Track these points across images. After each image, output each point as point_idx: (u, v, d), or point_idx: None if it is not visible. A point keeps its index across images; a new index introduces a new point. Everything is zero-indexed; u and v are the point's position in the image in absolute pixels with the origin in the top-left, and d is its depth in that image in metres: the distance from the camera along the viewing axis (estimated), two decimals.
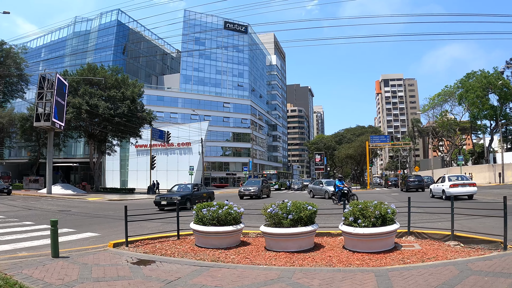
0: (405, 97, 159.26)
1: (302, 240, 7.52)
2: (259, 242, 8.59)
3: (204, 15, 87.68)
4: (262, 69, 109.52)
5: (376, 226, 7.32)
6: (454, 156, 74.29)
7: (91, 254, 7.62)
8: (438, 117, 67.28)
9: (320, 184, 30.46)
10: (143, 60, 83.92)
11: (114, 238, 9.54)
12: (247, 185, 31.08)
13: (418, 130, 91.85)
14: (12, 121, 46.35)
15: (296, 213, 7.46)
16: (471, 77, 56.29)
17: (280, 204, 7.84)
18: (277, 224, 7.60)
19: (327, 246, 8.03)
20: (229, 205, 8.34)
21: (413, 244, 8.18)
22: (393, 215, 7.61)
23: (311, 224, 7.67)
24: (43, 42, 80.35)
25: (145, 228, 11.74)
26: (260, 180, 32.34)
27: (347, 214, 7.64)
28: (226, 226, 7.99)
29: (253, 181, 32.27)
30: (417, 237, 9.01)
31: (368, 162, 59.57)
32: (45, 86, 30.84)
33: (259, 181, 31.42)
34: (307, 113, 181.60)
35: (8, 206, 20.07)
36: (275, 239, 7.54)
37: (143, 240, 8.96)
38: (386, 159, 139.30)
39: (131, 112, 39.94)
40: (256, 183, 31.02)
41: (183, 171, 56.16)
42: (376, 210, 7.42)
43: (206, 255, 7.36)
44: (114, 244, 8.46)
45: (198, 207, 8.39)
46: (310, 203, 7.87)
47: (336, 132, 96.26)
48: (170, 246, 8.34)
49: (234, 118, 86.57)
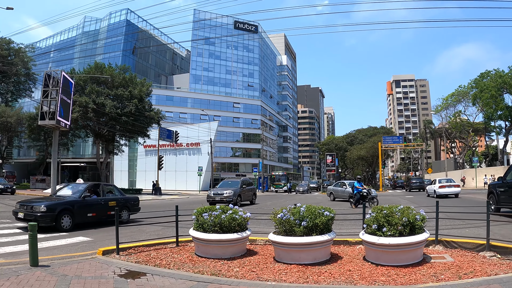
0: (417, 98, 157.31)
1: (318, 251, 6.46)
2: (268, 251, 7.56)
3: (214, 15, 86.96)
4: (273, 69, 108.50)
5: (404, 235, 6.26)
6: (467, 157, 72.72)
7: (75, 262, 6.70)
8: (451, 118, 65.86)
9: (343, 186, 27.78)
10: (153, 60, 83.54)
11: (107, 243, 8.60)
12: (220, 187, 24.29)
13: (430, 132, 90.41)
14: (20, 121, 46.09)
15: (310, 220, 6.40)
16: (485, 76, 54.80)
17: (292, 209, 6.79)
18: (289, 232, 6.53)
19: (345, 257, 6.97)
20: (234, 209, 7.32)
21: (443, 255, 7.10)
22: (422, 222, 6.55)
23: (328, 232, 6.60)
24: (52, 42, 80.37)
25: (143, 232, 10.81)
26: (239, 181, 24.57)
27: (370, 220, 6.57)
28: (229, 233, 6.97)
29: (230, 182, 24.71)
30: (446, 246, 7.91)
31: (381, 163, 58.21)
32: (50, 84, 30.07)
33: (238, 182, 24.20)
34: (317, 114, 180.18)
35: (6, 206, 19.35)
36: (286, 250, 6.49)
37: (137, 247, 7.97)
38: (397, 161, 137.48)
39: (138, 111, 39.25)
40: (234, 184, 24.00)
41: (192, 172, 55.41)
42: (403, 217, 6.36)
43: (206, 266, 6.36)
44: (103, 251, 7.50)
45: (198, 211, 7.39)
46: (327, 208, 6.81)
47: (348, 133, 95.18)
48: (167, 255, 7.35)
49: (244, 118, 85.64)
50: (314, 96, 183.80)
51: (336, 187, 29.12)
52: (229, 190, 22.47)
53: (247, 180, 26.59)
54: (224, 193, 22.31)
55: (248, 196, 24.88)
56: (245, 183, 24.78)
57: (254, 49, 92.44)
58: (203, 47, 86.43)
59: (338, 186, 29.01)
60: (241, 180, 24.89)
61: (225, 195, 22.14)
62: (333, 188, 29.79)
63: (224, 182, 25.50)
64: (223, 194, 22.24)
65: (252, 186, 26.75)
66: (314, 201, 27.40)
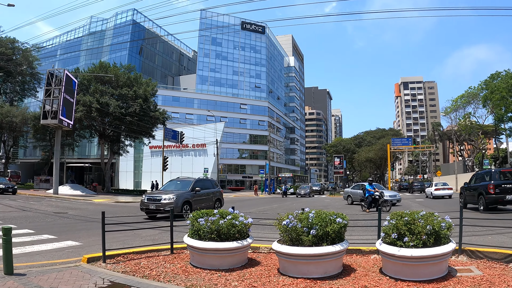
0: (425, 100, 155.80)
1: (328, 263, 5.60)
2: (272, 261, 6.73)
3: (221, 15, 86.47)
4: (280, 71, 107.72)
5: (428, 245, 5.42)
6: (476, 160, 71.40)
7: (55, 271, 5.97)
8: (460, 120, 64.63)
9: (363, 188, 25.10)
10: (159, 60, 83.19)
11: (96, 249, 7.83)
12: (164, 189, 17.52)
13: (438, 134, 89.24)
14: (25, 120, 45.73)
15: (320, 227, 5.55)
16: (495, 78, 53.54)
17: (300, 215, 5.93)
18: (295, 241, 5.67)
19: (359, 269, 6.12)
20: (234, 214, 6.51)
21: (469, 268, 6.24)
22: (448, 230, 5.71)
23: (340, 241, 5.73)
24: (58, 42, 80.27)
25: (138, 236, 10.05)
26: (192, 181, 17.38)
27: (389, 229, 5.71)
28: (228, 241, 6.13)
29: (179, 182, 17.70)
30: (470, 256, 7.04)
31: (390, 165, 57.17)
32: (53, 83, 29.68)
33: (189, 183, 17.15)
34: (325, 116, 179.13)
35: (3, 206, 18.73)
36: (292, 261, 5.63)
37: (127, 254, 7.19)
38: (405, 164, 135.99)
39: (143, 111, 38.72)
40: (184, 186, 16.99)
41: (197, 173, 54.60)
42: (427, 224, 5.52)
43: (200, 279, 5.56)
44: (88, 258, 6.73)
45: (194, 216, 6.59)
46: (339, 214, 5.96)
47: (356, 134, 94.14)
48: (159, 264, 6.55)
49: (251, 120, 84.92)
50: (321, 98, 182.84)
51: (355, 190, 26.63)
52: (171, 195, 15.38)
53: (204, 180, 18.88)
54: (162, 198, 15.24)
55: (206, 204, 17.33)
56: (200, 184, 17.34)
57: (261, 50, 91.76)
58: (210, 47, 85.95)
59: (357, 189, 26.43)
60: (195, 180, 17.58)
61: (163, 201, 15.10)
62: (351, 190, 27.40)
63: (171, 182, 18.33)
64: (160, 200, 15.22)
65: (214, 189, 19.01)
66: (321, 205, 26.59)
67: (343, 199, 29.98)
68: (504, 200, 16.13)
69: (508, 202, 16.14)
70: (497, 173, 17.44)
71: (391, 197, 23.20)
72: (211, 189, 18.45)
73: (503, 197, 16.09)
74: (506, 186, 16.23)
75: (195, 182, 17.20)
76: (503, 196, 16.07)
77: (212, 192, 18.39)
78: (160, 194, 15.77)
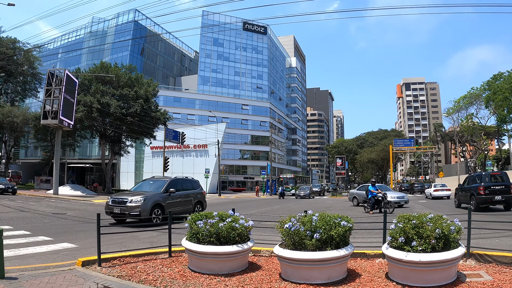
0: (427, 101, 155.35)
1: (332, 268, 5.35)
2: (274, 265, 6.48)
3: (223, 16, 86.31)
4: (282, 71, 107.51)
5: (437, 250, 5.17)
6: (479, 161, 71.04)
7: (48, 275, 5.75)
8: (463, 121, 64.30)
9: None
10: (161, 61, 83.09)
11: (93, 251, 7.58)
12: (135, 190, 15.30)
13: (440, 135, 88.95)
14: (26, 121, 45.64)
15: (324, 231, 5.30)
16: (498, 78, 53.22)
17: (302, 218, 5.67)
18: (298, 246, 5.42)
19: (364, 274, 5.86)
20: (234, 216, 6.27)
21: (479, 273, 5.99)
22: (458, 234, 5.45)
23: (345, 245, 5.47)
24: (60, 42, 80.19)
25: (136, 239, 9.81)
26: (166, 181, 14.94)
27: (396, 232, 5.46)
28: (228, 245, 5.88)
29: (152, 182, 15.47)
30: (478, 260, 6.79)
31: (392, 166, 56.90)
32: (54, 83, 29.52)
33: (163, 183, 14.73)
34: (327, 117, 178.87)
35: (2, 206, 18.53)
36: (295, 266, 5.37)
37: (123, 258, 6.95)
38: (407, 165, 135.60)
39: (144, 112, 38.54)
40: (157, 186, 14.75)
41: (199, 174, 54.48)
42: (436, 228, 5.27)
43: (198, 285, 5.31)
44: (83, 262, 6.49)
45: (192, 218, 6.35)
46: (344, 217, 5.71)
47: (358, 135, 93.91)
48: (156, 268, 6.31)
49: (253, 120, 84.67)
50: (323, 99, 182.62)
51: (361, 191, 25.64)
52: (138, 197, 13.07)
53: (183, 180, 16.32)
54: (128, 200, 12.94)
55: (184, 207, 15.24)
56: (175, 185, 15.00)
57: (263, 51, 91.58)
58: (211, 48, 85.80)
59: (363, 190, 25.14)
60: (169, 180, 15.16)
61: (129, 204, 12.81)
62: (357, 192, 26.64)
63: (144, 182, 16.21)
64: (125, 203, 12.94)
65: (195, 190, 16.61)
66: (323, 206, 26.32)
67: (348, 200, 29.58)
68: (493, 200, 17.90)
69: (497, 202, 17.94)
70: (487, 176, 19.38)
71: (398, 198, 22.81)
72: (190, 191, 16.15)
73: (492, 198, 17.84)
74: (495, 188, 17.99)
75: (170, 182, 14.86)
76: (492, 197, 17.82)
77: (191, 194, 16.11)
78: (127, 195, 13.52)
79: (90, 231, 11.12)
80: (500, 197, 17.71)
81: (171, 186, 14.62)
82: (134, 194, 13.55)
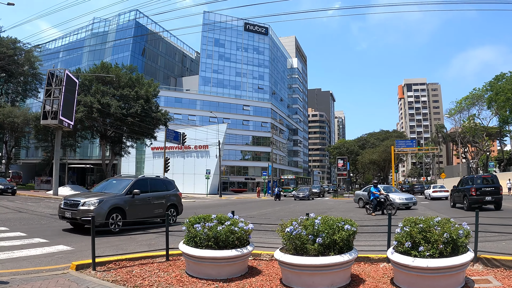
0: (429, 102, 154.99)
1: (335, 274, 5.12)
2: (274, 269, 6.25)
3: (224, 17, 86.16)
4: (283, 72, 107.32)
5: (445, 255, 4.95)
6: (481, 162, 70.79)
7: (41, 279, 5.55)
8: (465, 122, 64.07)
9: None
10: (162, 61, 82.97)
11: (88, 254, 7.34)
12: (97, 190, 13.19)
13: (442, 136, 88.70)
14: (27, 121, 45.58)
15: (327, 235, 5.08)
16: (500, 79, 53.06)
17: (304, 221, 5.45)
18: (299, 250, 5.20)
19: (368, 280, 5.64)
20: (233, 219, 6.04)
21: (487, 278, 5.78)
22: (466, 238, 5.23)
23: (349, 250, 5.25)
24: (61, 43, 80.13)
25: (134, 241, 9.59)
26: (130, 181, 12.74)
27: (402, 236, 5.24)
28: (227, 249, 5.65)
29: (116, 182, 13.29)
30: (486, 264, 6.58)
31: (394, 167, 56.66)
32: (54, 83, 29.32)
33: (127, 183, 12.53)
34: (328, 118, 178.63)
35: (0, 207, 18.31)
36: (296, 272, 5.14)
37: (119, 261, 6.73)
38: (408, 166, 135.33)
39: (145, 112, 38.39)
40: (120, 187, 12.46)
41: (200, 175, 54.44)
42: (444, 232, 5.05)
43: None
44: (77, 265, 6.28)
45: (190, 221, 6.12)
46: (347, 220, 5.49)
47: (359, 136, 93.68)
48: (152, 273, 6.09)
49: (254, 121, 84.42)
50: (324, 99, 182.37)
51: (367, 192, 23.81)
52: (93, 199, 11.00)
53: (152, 180, 14.10)
54: (80, 203, 10.92)
55: (152, 211, 13.15)
56: (141, 185, 12.83)
57: (265, 51, 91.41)
58: (212, 49, 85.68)
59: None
60: (135, 179, 12.91)
61: (81, 208, 10.82)
62: (363, 193, 25.68)
63: (107, 181, 13.96)
64: (77, 206, 10.93)
65: (168, 191, 14.27)
66: (324, 208, 26.08)
67: (352, 201, 29.23)
68: (484, 200, 19.34)
69: (487, 202, 19.39)
70: (479, 178, 21.05)
71: (407, 200, 22.38)
72: (162, 192, 13.84)
73: (483, 198, 19.28)
74: (485, 189, 19.43)
75: (134, 182, 12.60)
76: (483, 197, 19.27)
77: (163, 196, 13.75)
78: (81, 197, 11.50)
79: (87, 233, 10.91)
80: (490, 198, 19.18)
81: (137, 186, 12.46)
82: (88, 196, 11.55)
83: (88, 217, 10.04)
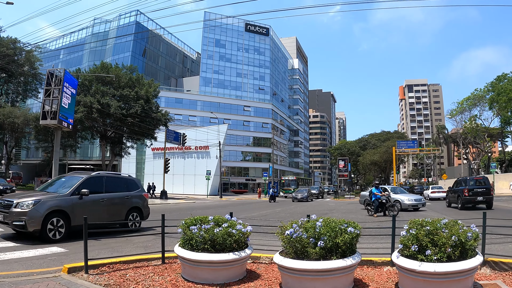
0: (430, 103, 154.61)
1: (338, 279, 4.86)
2: (274, 273, 6.01)
3: (225, 17, 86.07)
4: (284, 73, 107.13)
5: (453, 259, 4.71)
6: (482, 163, 70.52)
7: (31, 282, 5.34)
8: (466, 123, 63.81)
9: (385, 192, 20.64)
10: (162, 62, 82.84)
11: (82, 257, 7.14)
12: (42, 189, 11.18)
13: (443, 137, 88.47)
14: (27, 121, 45.49)
15: (329, 238, 4.82)
16: (502, 79, 52.80)
17: (305, 223, 5.19)
18: (300, 254, 4.93)
19: (372, 285, 5.39)
20: (231, 221, 5.80)
21: (495, 282, 5.54)
22: (475, 241, 4.98)
23: (352, 254, 4.99)
24: (62, 44, 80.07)
25: (130, 243, 9.35)
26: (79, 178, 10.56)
27: (408, 239, 4.99)
28: (224, 252, 5.40)
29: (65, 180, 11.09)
30: (494, 268, 6.35)
31: (395, 168, 56.40)
32: (53, 83, 29.03)
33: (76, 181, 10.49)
34: (329, 119, 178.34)
35: None
36: (296, 277, 4.88)
37: (113, 264, 6.49)
38: (409, 167, 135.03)
39: (145, 113, 38.18)
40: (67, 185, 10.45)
41: (200, 176, 54.19)
42: (452, 235, 4.80)
43: None
44: (70, 268, 6.05)
45: (186, 222, 5.88)
46: (351, 222, 5.24)
47: (360, 137, 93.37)
48: (147, 276, 5.85)
49: (255, 122, 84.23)
50: (325, 100, 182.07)
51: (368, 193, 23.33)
52: (29, 200, 9.18)
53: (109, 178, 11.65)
54: (13, 204, 9.13)
55: (107, 214, 10.84)
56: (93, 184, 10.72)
57: (265, 52, 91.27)
58: (213, 49, 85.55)
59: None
60: (86, 177, 10.77)
61: (14, 210, 9.04)
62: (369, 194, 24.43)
63: (57, 179, 11.84)
64: (9, 207, 9.16)
65: (128, 193, 11.94)
66: (325, 209, 25.84)
67: (359, 203, 28.66)
68: (476, 200, 20.88)
69: (479, 202, 20.86)
70: (471, 180, 22.25)
71: (416, 201, 22.02)
72: (121, 193, 11.60)
73: (475, 199, 20.83)
74: (477, 190, 20.89)
75: (84, 180, 10.48)
76: (475, 198, 20.80)
77: (123, 198, 11.61)
78: (16, 197, 9.61)
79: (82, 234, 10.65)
80: (482, 198, 20.65)
81: (87, 185, 10.33)
82: (24, 196, 9.71)
83: (21, 221, 8.82)
